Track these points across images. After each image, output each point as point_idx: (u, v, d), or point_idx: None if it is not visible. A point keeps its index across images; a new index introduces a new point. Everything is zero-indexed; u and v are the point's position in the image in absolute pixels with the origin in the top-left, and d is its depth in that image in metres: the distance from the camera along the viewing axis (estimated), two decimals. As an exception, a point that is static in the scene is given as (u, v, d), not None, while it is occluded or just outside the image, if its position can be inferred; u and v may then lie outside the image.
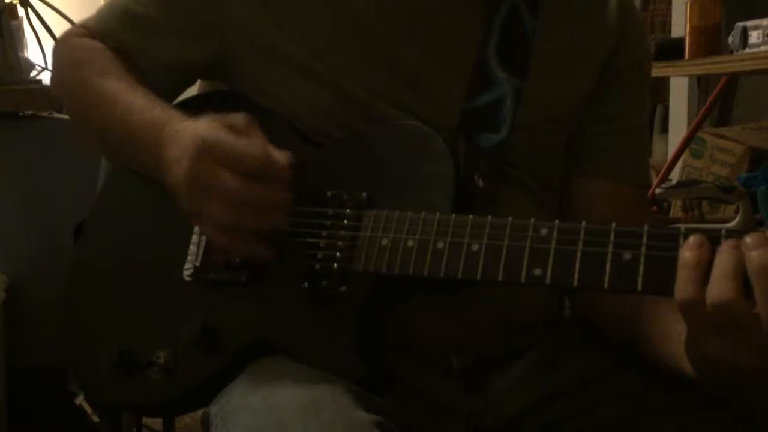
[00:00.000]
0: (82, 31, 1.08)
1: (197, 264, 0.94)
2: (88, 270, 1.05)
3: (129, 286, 0.99)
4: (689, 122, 2.70)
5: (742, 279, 0.65)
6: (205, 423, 0.89)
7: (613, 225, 0.72)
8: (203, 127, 0.85)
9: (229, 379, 0.87)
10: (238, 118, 0.85)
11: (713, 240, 0.68)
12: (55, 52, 1.12)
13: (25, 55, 2.13)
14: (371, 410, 0.77)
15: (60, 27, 1.86)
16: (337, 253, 0.86)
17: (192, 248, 0.94)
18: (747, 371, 0.68)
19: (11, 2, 2.01)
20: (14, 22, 2.01)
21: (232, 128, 0.84)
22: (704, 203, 2.38)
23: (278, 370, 0.84)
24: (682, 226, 0.70)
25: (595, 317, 1.00)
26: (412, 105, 0.93)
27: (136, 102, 0.96)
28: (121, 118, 0.97)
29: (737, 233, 0.67)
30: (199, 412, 0.93)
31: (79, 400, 1.04)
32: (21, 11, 2.05)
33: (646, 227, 0.71)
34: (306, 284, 0.87)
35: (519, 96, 0.96)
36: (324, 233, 0.87)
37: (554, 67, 0.99)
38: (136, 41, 1.03)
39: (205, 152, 0.83)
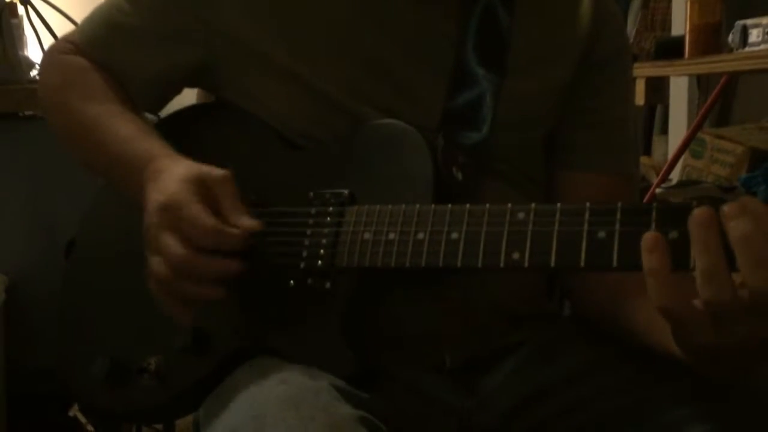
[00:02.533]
0: (67, 47, 1.07)
1: None
2: (80, 284, 1.07)
3: (119, 297, 1.01)
4: (689, 122, 2.70)
5: (729, 268, 0.65)
6: (196, 424, 0.90)
7: (588, 204, 0.73)
8: (172, 185, 0.85)
9: (219, 380, 0.88)
10: (216, 175, 0.86)
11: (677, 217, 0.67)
12: (41, 72, 1.11)
13: (25, 54, 2.12)
14: (357, 406, 0.77)
15: (60, 26, 1.86)
16: (321, 251, 0.86)
17: None
18: (733, 351, 0.68)
19: (11, 1, 2.01)
20: (14, 21, 2.01)
21: (205, 188, 0.85)
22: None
23: (266, 368, 0.84)
24: (655, 202, 0.70)
25: (593, 313, 1.01)
26: (395, 107, 0.94)
27: (120, 131, 0.97)
28: (104, 146, 0.97)
29: (707, 200, 0.67)
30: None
31: (74, 411, 1.05)
32: (21, 9, 2.04)
33: (619, 204, 0.71)
34: (292, 283, 0.88)
35: (498, 93, 0.96)
36: (308, 231, 0.88)
37: (531, 63, 0.99)
38: (121, 53, 1.03)
39: (165, 211, 0.84)
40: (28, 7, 2.02)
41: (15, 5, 2.01)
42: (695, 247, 0.66)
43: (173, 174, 0.87)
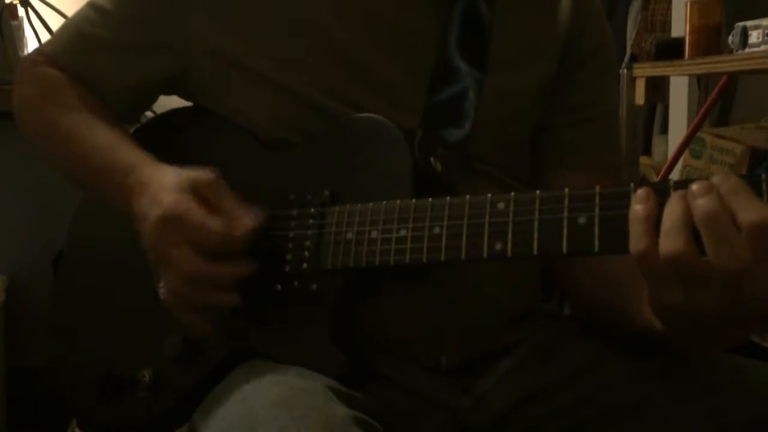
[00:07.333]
0: (39, 59, 1.07)
1: None
2: (70, 299, 1.07)
3: (109, 310, 1.01)
4: (689, 122, 2.69)
5: (692, 229, 0.65)
6: (192, 429, 0.90)
7: (567, 190, 0.73)
8: (167, 196, 0.85)
9: (213, 386, 0.88)
10: (205, 179, 0.86)
11: (661, 192, 0.68)
12: (15, 85, 1.10)
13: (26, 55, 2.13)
14: (351, 406, 0.77)
15: (60, 27, 1.86)
16: (306, 253, 0.87)
17: None
18: (705, 318, 0.68)
19: (11, 2, 2.01)
20: (14, 22, 2.01)
21: (198, 193, 0.85)
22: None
23: (259, 371, 0.84)
24: (632, 183, 0.71)
25: (590, 310, 1.01)
26: (375, 108, 0.93)
27: (97, 141, 0.96)
28: (82, 157, 0.97)
29: (684, 183, 0.68)
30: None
31: (72, 427, 1.05)
32: (21, 11, 2.05)
33: (597, 188, 0.72)
34: (278, 287, 0.88)
35: (481, 89, 0.96)
36: (291, 234, 0.88)
37: (513, 58, 0.99)
38: (93, 64, 1.03)
39: (168, 224, 0.84)
40: (28, 8, 2.02)
41: (15, 7, 2.02)
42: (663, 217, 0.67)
43: (163, 184, 0.86)
